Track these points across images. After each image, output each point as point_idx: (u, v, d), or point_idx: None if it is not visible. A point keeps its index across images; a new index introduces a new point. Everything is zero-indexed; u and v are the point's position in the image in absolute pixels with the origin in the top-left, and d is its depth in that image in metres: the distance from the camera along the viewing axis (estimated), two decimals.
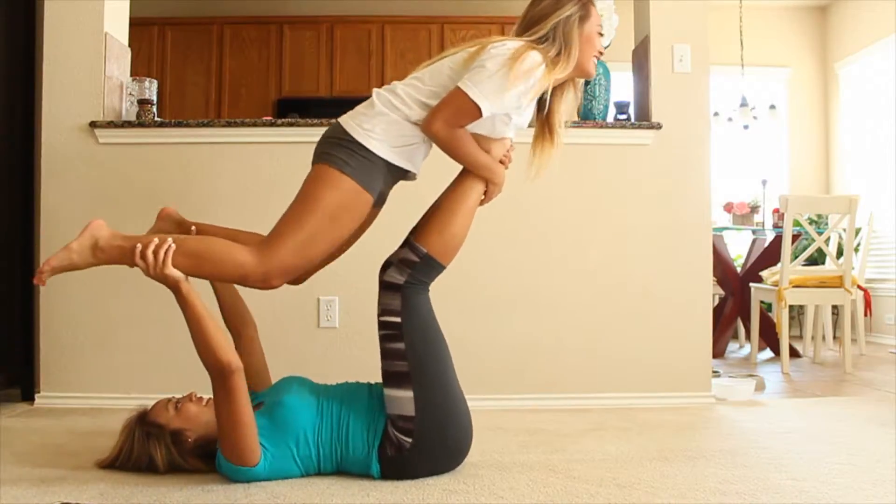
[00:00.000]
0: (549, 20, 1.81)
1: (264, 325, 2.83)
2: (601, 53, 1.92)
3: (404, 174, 1.88)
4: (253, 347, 2.03)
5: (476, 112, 1.72)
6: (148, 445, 1.75)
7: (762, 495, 1.62)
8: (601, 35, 1.91)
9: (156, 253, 1.65)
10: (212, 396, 1.77)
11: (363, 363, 2.54)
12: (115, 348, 2.81)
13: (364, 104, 1.84)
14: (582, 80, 2.07)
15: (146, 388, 2.77)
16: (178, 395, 1.84)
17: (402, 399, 1.72)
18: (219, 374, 1.64)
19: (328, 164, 1.76)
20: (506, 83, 1.70)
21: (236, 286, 2.00)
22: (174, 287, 1.68)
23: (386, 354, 1.77)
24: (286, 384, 1.88)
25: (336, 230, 1.76)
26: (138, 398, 2.73)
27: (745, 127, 5.80)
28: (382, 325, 1.78)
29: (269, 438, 1.71)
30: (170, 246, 1.66)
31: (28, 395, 2.83)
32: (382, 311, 1.78)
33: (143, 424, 1.77)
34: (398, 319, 1.75)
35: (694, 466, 1.88)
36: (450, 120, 1.74)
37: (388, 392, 1.75)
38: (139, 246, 1.66)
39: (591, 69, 1.90)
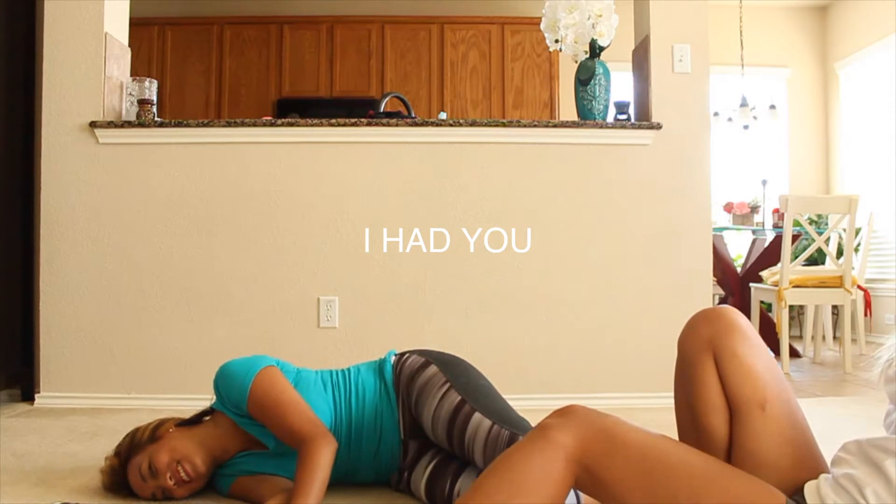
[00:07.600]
0: None
1: (264, 324, 2.85)
2: None
3: None
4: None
5: None
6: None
7: None
8: None
9: None
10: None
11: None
12: (115, 348, 2.81)
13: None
14: None
15: (146, 388, 2.78)
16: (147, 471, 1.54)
17: None
18: None
19: None
20: None
21: None
22: None
23: None
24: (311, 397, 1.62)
25: None
26: (138, 398, 2.75)
27: (745, 127, 5.79)
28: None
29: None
30: None
31: (28, 395, 2.84)
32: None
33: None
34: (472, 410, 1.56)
35: None
36: None
37: None
38: None
39: None
